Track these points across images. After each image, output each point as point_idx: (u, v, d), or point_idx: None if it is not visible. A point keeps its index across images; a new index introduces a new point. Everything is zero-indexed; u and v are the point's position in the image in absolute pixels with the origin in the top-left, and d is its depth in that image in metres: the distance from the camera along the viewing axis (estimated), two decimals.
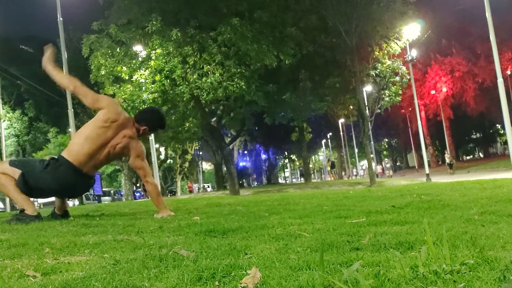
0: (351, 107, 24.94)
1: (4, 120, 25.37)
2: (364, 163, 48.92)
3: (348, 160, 50.87)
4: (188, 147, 36.11)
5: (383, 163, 34.56)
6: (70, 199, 3.70)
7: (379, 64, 18.83)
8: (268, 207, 3.88)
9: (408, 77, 19.25)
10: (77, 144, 3.43)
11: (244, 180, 52.11)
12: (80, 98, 3.58)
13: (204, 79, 14.08)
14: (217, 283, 1.18)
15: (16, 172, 3.34)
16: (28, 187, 3.34)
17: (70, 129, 13.36)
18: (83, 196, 12.36)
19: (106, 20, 14.91)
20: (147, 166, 3.70)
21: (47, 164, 3.37)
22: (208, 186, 52.91)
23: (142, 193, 28.12)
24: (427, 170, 17.73)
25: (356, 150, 41.17)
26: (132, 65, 14.39)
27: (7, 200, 18.44)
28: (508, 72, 36.00)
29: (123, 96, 14.47)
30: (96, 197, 26.21)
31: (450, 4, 34.24)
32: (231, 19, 13.51)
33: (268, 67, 14.71)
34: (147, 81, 14.42)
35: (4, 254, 1.76)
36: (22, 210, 3.32)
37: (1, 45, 31.00)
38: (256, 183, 58.38)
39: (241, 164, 50.12)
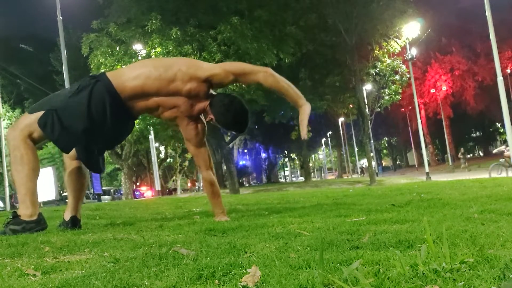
0: (351, 105, 24.86)
1: (4, 119, 25.35)
2: (364, 161, 48.92)
3: (348, 159, 50.89)
4: None
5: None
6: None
7: (379, 63, 18.81)
8: (268, 206, 3.88)
9: (408, 75, 19.25)
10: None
11: (244, 179, 52.08)
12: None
13: None
14: (217, 281, 1.18)
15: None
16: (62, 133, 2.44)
17: None
18: None
19: (106, 19, 14.89)
20: (202, 153, 2.84)
21: (79, 87, 2.51)
22: None
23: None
24: (427, 169, 17.75)
25: (356, 149, 41.18)
26: None
27: (7, 199, 18.37)
28: (508, 71, 35.99)
29: None
30: (96, 196, 26.19)
31: (450, 2, 34.34)
32: (230, 17, 13.50)
33: (268, 65, 14.69)
34: None
35: (4, 253, 1.76)
36: (16, 215, 2.43)
37: (1, 44, 31.00)
38: (256, 181, 58.38)
39: (241, 163, 50.05)
